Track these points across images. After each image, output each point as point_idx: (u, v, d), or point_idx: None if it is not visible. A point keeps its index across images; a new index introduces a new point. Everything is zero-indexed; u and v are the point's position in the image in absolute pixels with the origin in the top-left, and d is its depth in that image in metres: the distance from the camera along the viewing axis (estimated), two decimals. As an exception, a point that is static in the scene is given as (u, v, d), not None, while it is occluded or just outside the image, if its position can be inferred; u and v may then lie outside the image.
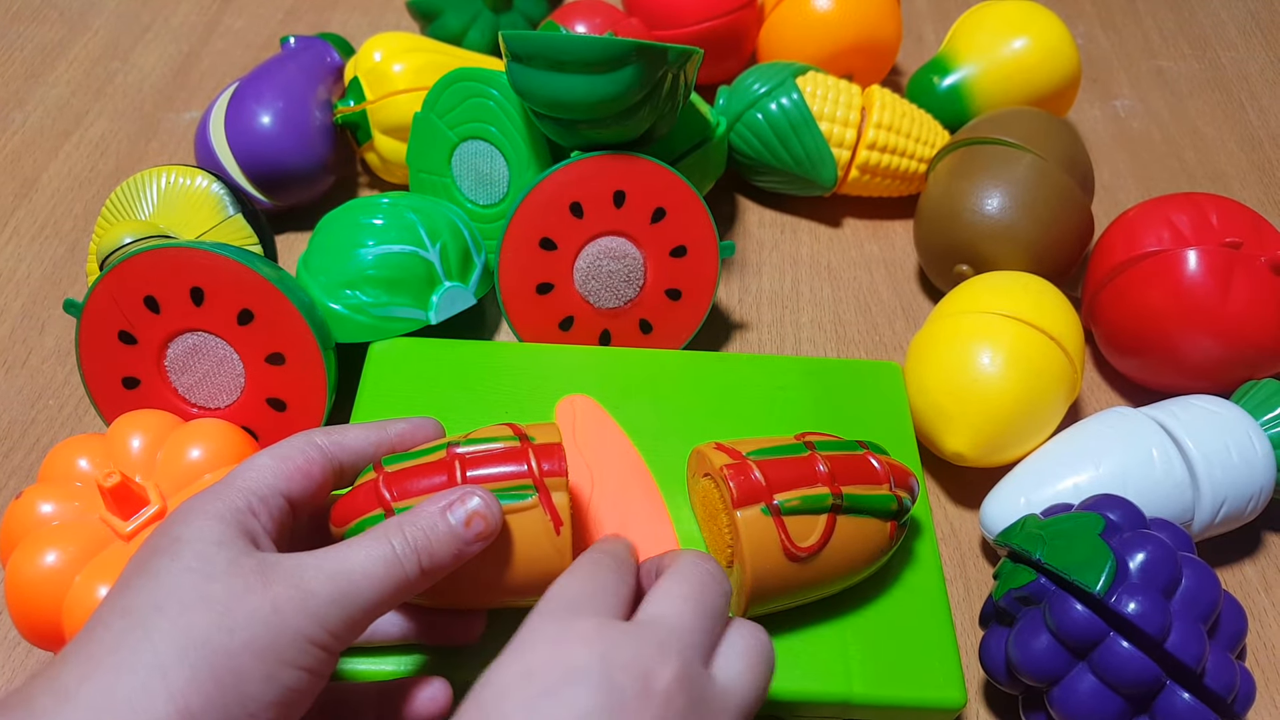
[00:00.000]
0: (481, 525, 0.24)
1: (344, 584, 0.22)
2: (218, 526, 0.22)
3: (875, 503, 0.29)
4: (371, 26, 0.62)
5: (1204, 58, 0.64)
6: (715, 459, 0.29)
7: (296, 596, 0.21)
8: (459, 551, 0.24)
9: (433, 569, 0.23)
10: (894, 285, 0.49)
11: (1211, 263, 0.39)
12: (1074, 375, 0.38)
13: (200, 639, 0.20)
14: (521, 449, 0.27)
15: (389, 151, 0.48)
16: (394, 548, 0.23)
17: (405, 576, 0.23)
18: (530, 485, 0.26)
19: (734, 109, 0.48)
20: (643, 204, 0.39)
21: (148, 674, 0.19)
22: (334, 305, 0.38)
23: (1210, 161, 0.56)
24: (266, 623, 0.20)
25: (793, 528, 0.28)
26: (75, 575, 0.29)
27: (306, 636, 0.21)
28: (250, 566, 0.21)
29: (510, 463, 0.26)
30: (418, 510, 0.24)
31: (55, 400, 0.42)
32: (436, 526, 0.24)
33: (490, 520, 0.24)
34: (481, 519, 0.24)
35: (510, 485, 0.26)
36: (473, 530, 0.24)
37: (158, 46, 0.60)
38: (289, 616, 0.21)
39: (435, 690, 0.26)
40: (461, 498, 0.24)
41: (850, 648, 0.30)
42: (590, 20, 0.50)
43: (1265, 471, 0.35)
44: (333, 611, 0.21)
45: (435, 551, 0.24)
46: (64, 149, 0.53)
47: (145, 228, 0.40)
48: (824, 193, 0.49)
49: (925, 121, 0.49)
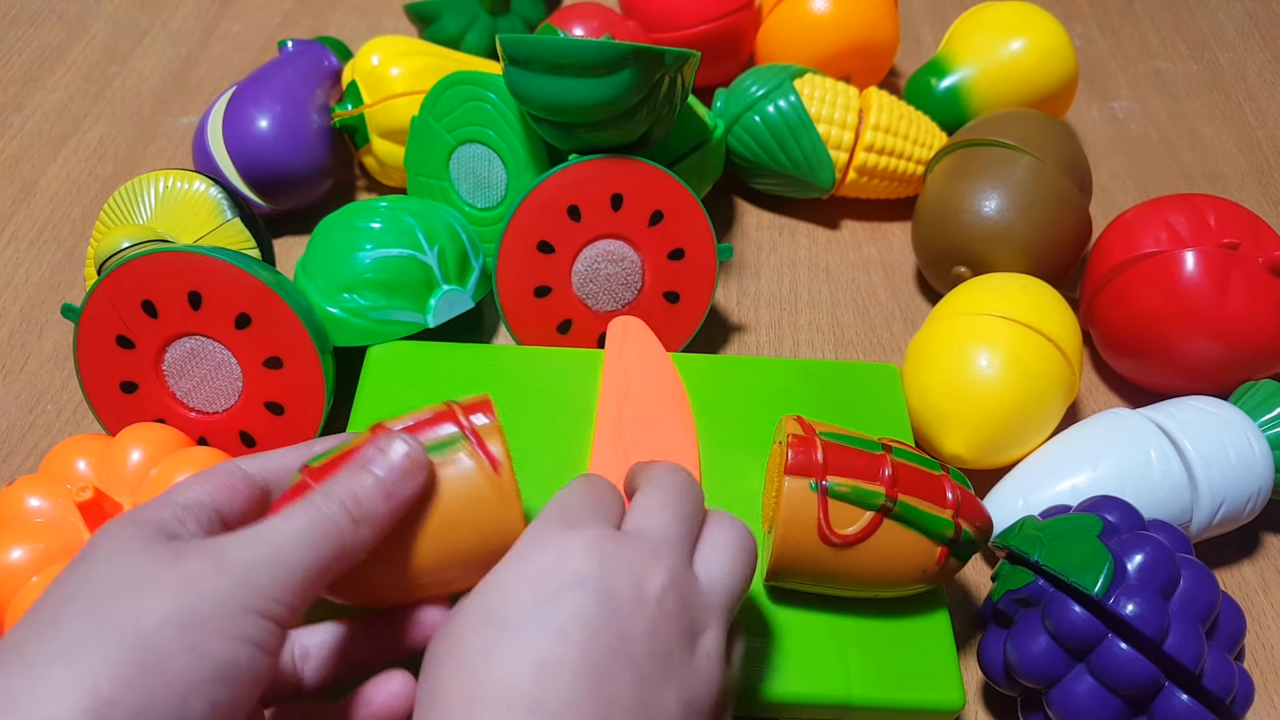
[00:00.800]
0: (404, 461, 0.24)
1: (268, 548, 0.21)
2: (136, 530, 0.21)
3: (928, 521, 0.29)
4: (369, 30, 0.62)
5: (1202, 59, 0.64)
6: (790, 427, 0.30)
7: (214, 565, 0.20)
8: (387, 493, 0.23)
9: (365, 516, 0.23)
10: (892, 287, 0.49)
11: (1209, 264, 0.39)
12: (1072, 377, 0.38)
13: (111, 622, 0.19)
14: (446, 409, 0.26)
15: (387, 155, 0.48)
16: (318, 505, 0.22)
17: (336, 528, 0.22)
18: (458, 433, 0.25)
19: (732, 111, 0.48)
20: (640, 207, 0.40)
21: (51, 664, 0.18)
22: (332, 309, 0.38)
23: (1208, 162, 0.56)
24: (182, 595, 0.19)
25: (835, 512, 0.28)
26: (33, 575, 0.29)
27: (237, 604, 0.20)
28: (165, 549, 0.20)
29: (435, 422, 0.26)
30: (339, 472, 0.24)
31: (54, 405, 0.42)
32: (360, 477, 0.23)
33: (414, 454, 0.24)
34: (405, 456, 0.24)
35: (438, 441, 0.25)
36: (396, 467, 0.24)
37: (156, 51, 0.60)
38: (209, 585, 0.20)
39: (396, 685, 0.25)
40: (379, 445, 0.24)
41: (848, 649, 0.30)
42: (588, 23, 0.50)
43: (1263, 472, 0.35)
44: (261, 575, 0.20)
45: (362, 498, 0.23)
46: (62, 153, 0.53)
47: (143, 232, 0.40)
48: (822, 195, 0.49)
49: (923, 123, 0.49)
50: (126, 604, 0.19)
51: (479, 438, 0.25)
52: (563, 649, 0.20)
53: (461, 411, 0.26)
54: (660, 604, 0.22)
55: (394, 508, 0.23)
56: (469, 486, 0.25)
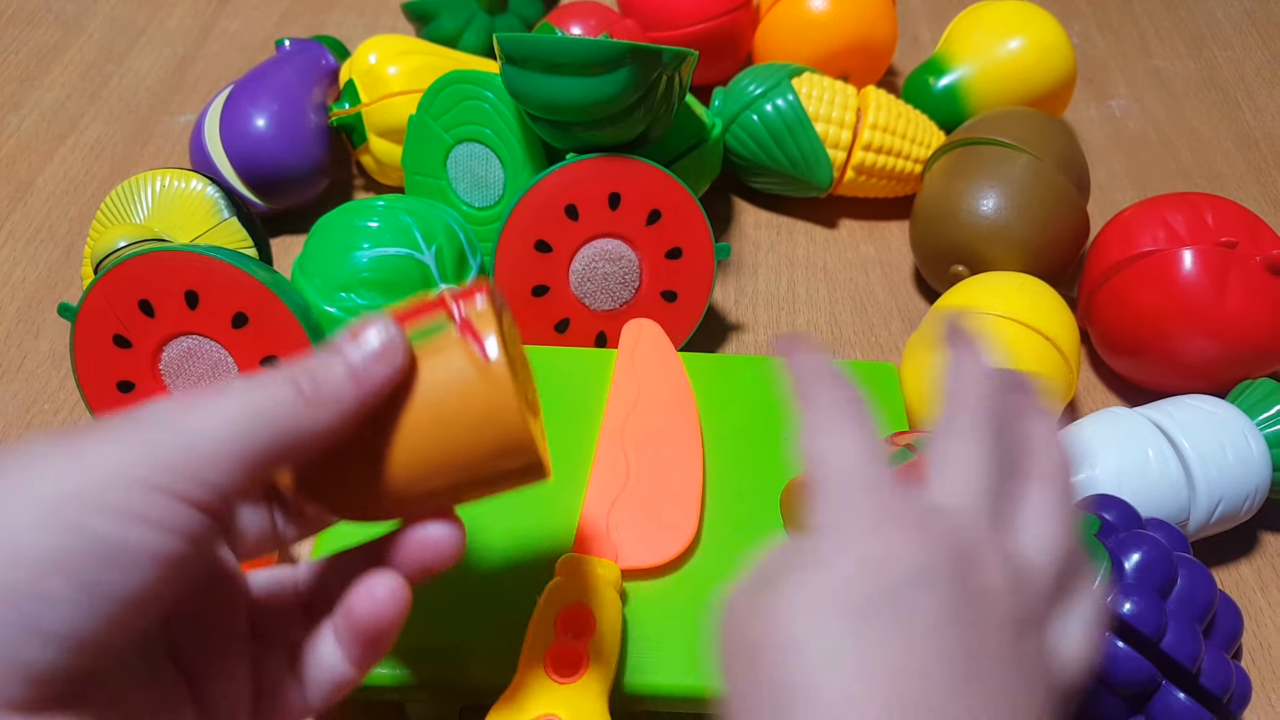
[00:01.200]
0: (376, 341, 0.21)
1: (192, 420, 0.18)
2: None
3: None
4: (367, 29, 0.62)
5: (1200, 57, 0.64)
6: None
7: (115, 436, 0.18)
8: (353, 374, 0.20)
9: (322, 398, 0.20)
10: (890, 286, 0.49)
11: (1207, 263, 0.39)
12: (1069, 375, 0.38)
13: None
14: (438, 297, 0.23)
15: (384, 154, 0.47)
16: (263, 381, 0.19)
17: (280, 407, 0.19)
18: (443, 317, 0.22)
19: (729, 110, 0.48)
20: (638, 206, 0.39)
21: None
22: (329, 308, 0.38)
23: (1206, 161, 0.56)
24: (62, 465, 0.17)
25: None
26: None
27: (132, 479, 0.17)
28: (60, 433, 0.18)
29: (424, 309, 0.23)
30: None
31: (50, 405, 0.42)
32: (322, 356, 0.20)
33: (388, 334, 0.21)
34: (377, 336, 0.21)
35: (422, 328, 0.22)
36: (366, 347, 0.20)
37: (153, 50, 0.60)
38: (100, 455, 0.17)
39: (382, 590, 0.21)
40: (353, 327, 0.21)
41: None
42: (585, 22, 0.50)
43: (1261, 471, 0.35)
44: (173, 450, 0.18)
45: (321, 377, 0.20)
46: (59, 153, 0.53)
47: (140, 231, 0.40)
48: (820, 194, 0.49)
49: (921, 122, 0.49)
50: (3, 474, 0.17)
51: (469, 323, 0.22)
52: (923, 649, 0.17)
53: (454, 297, 0.23)
54: (1002, 597, 0.18)
55: (362, 392, 0.20)
56: (455, 376, 0.21)
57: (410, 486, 0.22)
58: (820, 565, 0.18)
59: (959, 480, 0.20)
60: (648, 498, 0.33)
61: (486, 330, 0.22)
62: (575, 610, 0.28)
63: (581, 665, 0.27)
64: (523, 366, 0.24)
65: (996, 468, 0.20)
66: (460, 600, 0.30)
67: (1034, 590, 0.19)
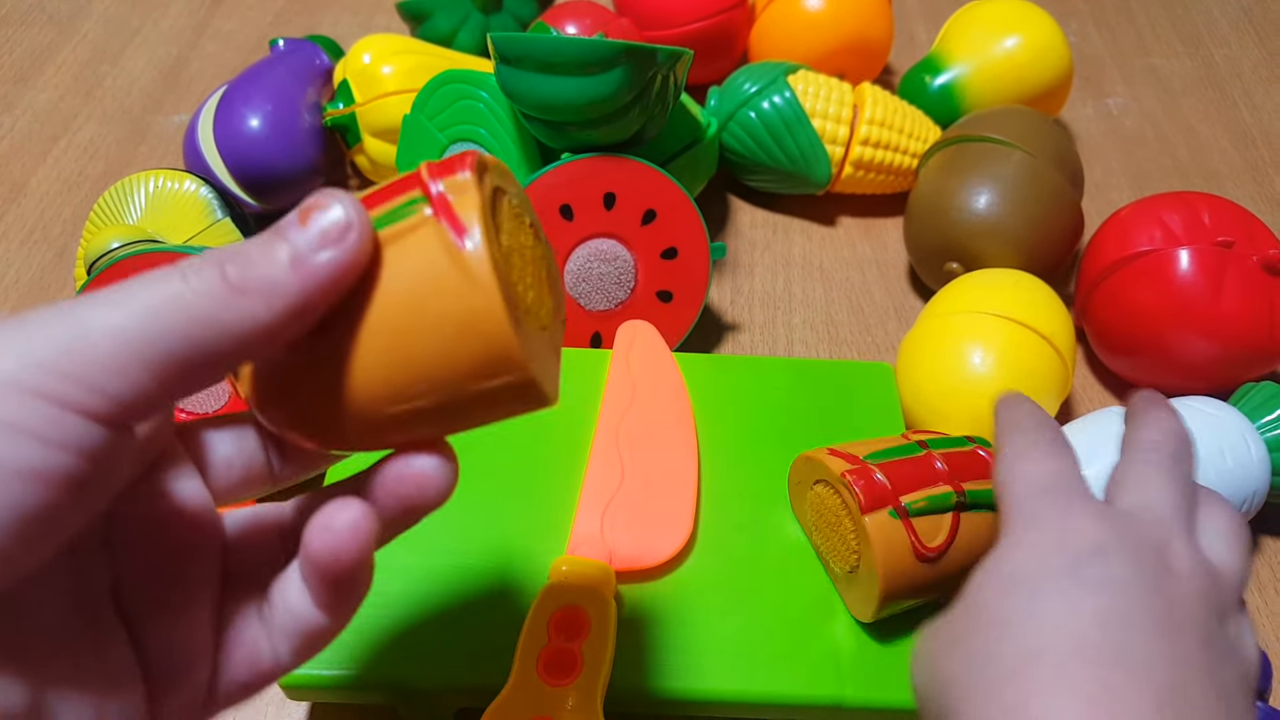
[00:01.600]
0: (326, 221, 0.16)
1: (79, 312, 0.15)
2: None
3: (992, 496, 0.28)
4: (361, 28, 0.62)
5: (1197, 55, 0.64)
6: (833, 465, 0.29)
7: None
8: (297, 258, 0.16)
9: (254, 285, 0.16)
10: (886, 285, 0.48)
11: (1204, 262, 0.38)
12: (1065, 373, 0.38)
13: None
14: (412, 172, 0.18)
15: (378, 154, 0.47)
16: (179, 268, 0.16)
17: (198, 297, 0.15)
18: (417, 196, 0.17)
19: (725, 109, 0.48)
20: (633, 206, 0.39)
21: None
22: (322, 309, 0.38)
23: (1203, 160, 0.56)
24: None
25: (921, 528, 0.28)
26: None
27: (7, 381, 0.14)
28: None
29: (396, 187, 0.18)
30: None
31: (43, 406, 0.41)
32: (261, 238, 0.17)
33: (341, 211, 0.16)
34: (326, 213, 0.17)
35: (389, 207, 0.18)
36: (316, 228, 0.16)
37: (147, 50, 0.60)
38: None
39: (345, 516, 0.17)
40: (303, 204, 0.17)
41: (842, 649, 0.30)
42: (580, 21, 0.50)
43: (1260, 475, 0.35)
44: (60, 350, 0.15)
45: (256, 260, 0.16)
46: (52, 153, 0.53)
47: (133, 232, 0.39)
48: (818, 190, 0.49)
49: (917, 118, 0.49)
50: None
51: (445, 200, 0.17)
52: (1123, 602, 0.19)
53: (430, 170, 0.18)
54: (1191, 578, 0.20)
55: (305, 283, 0.16)
56: (423, 266, 0.17)
57: (381, 407, 0.18)
58: (1018, 546, 0.21)
59: (1146, 494, 0.22)
60: (642, 499, 0.32)
61: (466, 208, 0.17)
62: (569, 612, 0.28)
63: (575, 668, 0.27)
64: (530, 259, 0.19)
65: (1180, 490, 0.22)
66: (454, 602, 0.30)
67: (1222, 584, 0.21)
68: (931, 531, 0.28)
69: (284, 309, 0.16)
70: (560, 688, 0.27)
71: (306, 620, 0.19)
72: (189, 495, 0.19)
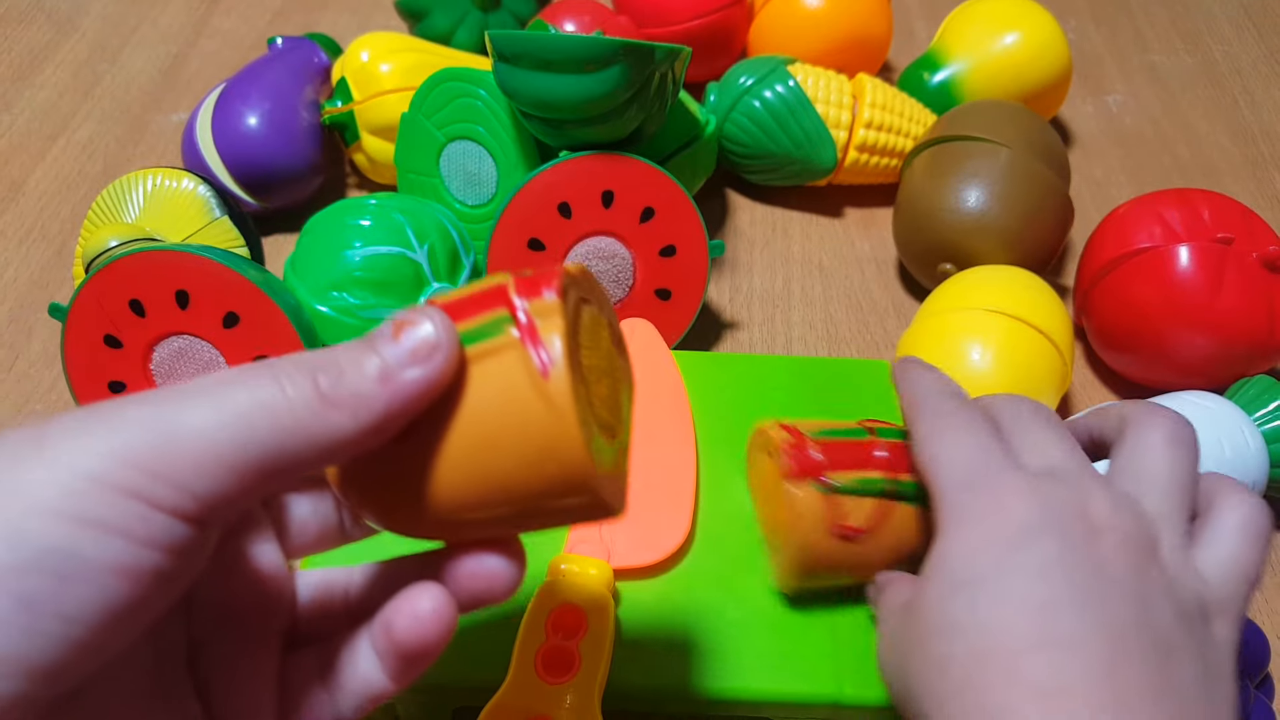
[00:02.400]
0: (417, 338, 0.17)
1: (171, 412, 0.15)
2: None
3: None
4: (360, 26, 0.62)
5: (1196, 52, 0.64)
6: (775, 435, 0.30)
7: (78, 428, 0.15)
8: (386, 374, 0.17)
9: (345, 399, 0.16)
10: (885, 283, 0.48)
11: (1203, 259, 0.38)
12: (1064, 368, 0.38)
13: None
14: (500, 286, 0.19)
15: (377, 152, 0.47)
16: (275, 371, 0.16)
17: (290, 405, 0.16)
18: (504, 316, 0.18)
19: (725, 103, 0.48)
20: (631, 204, 0.39)
21: None
22: (321, 307, 0.38)
23: (1203, 157, 0.56)
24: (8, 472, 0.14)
25: (844, 507, 0.28)
26: None
27: (88, 479, 0.14)
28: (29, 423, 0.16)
29: (484, 300, 0.18)
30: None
31: (42, 405, 0.41)
32: (353, 349, 0.17)
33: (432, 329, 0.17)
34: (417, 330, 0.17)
35: (476, 324, 0.18)
36: (407, 345, 0.17)
37: (145, 48, 0.60)
38: (55, 454, 0.14)
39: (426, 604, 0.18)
40: (396, 317, 0.17)
41: (841, 648, 0.30)
42: (579, 19, 0.50)
43: (1258, 467, 0.35)
44: (145, 448, 0.15)
45: (348, 373, 0.17)
46: (51, 152, 0.53)
47: (131, 231, 0.39)
48: (823, 177, 0.49)
49: (916, 105, 0.50)
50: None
51: (531, 326, 0.18)
52: (1047, 587, 0.20)
53: (518, 287, 0.18)
54: (1114, 530, 0.21)
55: (393, 398, 0.17)
56: (506, 391, 0.18)
57: (456, 512, 0.19)
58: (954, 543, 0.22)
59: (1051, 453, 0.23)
60: (641, 497, 0.32)
61: (550, 335, 0.18)
62: (567, 610, 0.28)
63: (573, 666, 0.27)
64: (608, 370, 0.20)
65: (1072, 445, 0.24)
66: (452, 601, 0.30)
67: (1145, 518, 0.22)
68: (855, 512, 0.28)
69: (369, 422, 0.17)
70: (558, 686, 0.27)
71: (375, 686, 0.19)
72: (266, 559, 0.19)
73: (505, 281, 0.19)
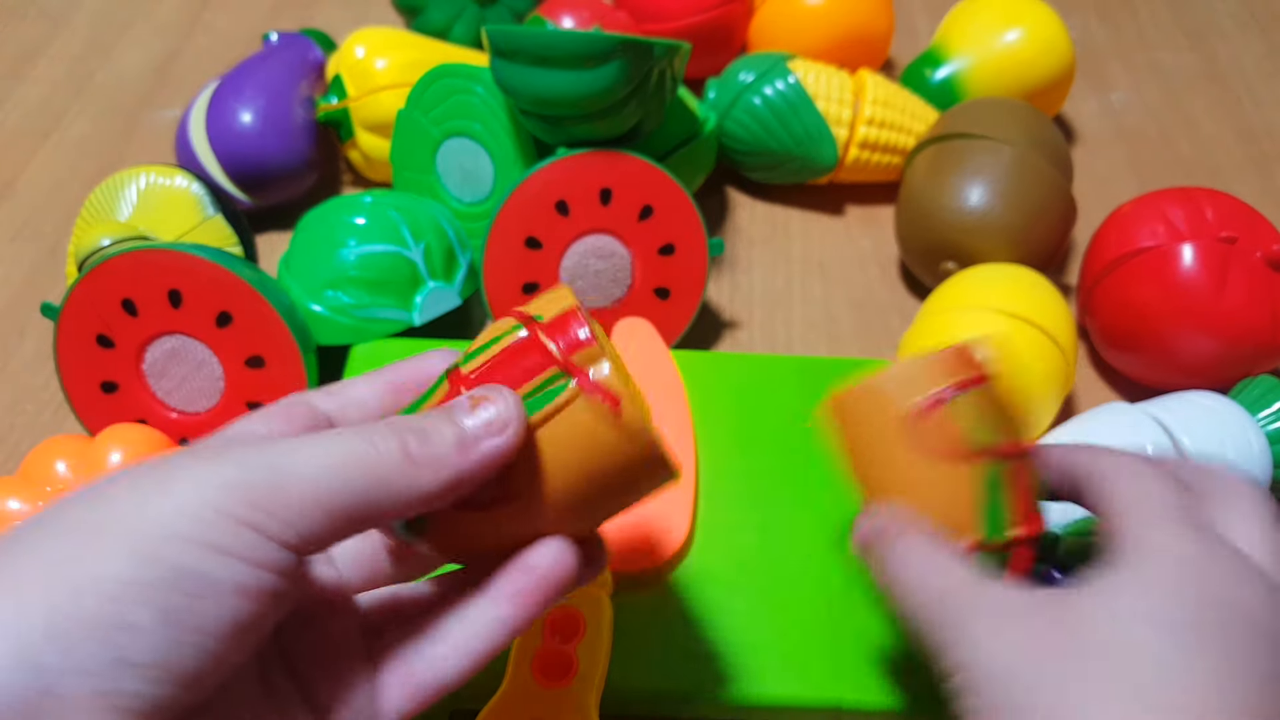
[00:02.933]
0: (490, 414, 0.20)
1: (283, 460, 0.18)
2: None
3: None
4: (356, 22, 0.61)
5: (1200, 50, 0.63)
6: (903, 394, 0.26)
7: (204, 467, 0.17)
8: (463, 444, 0.19)
9: (429, 460, 0.19)
10: (887, 282, 0.48)
11: (1206, 258, 0.38)
12: (1067, 367, 0.38)
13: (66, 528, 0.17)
14: (530, 339, 0.21)
15: (372, 149, 0.47)
16: (370, 432, 0.19)
17: (381, 462, 0.19)
18: (557, 374, 0.20)
19: (724, 100, 0.48)
20: (630, 202, 0.39)
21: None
22: (315, 306, 0.38)
23: (1207, 155, 0.56)
24: (145, 495, 0.17)
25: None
26: None
27: (215, 509, 0.17)
28: (150, 463, 0.18)
29: (522, 361, 0.21)
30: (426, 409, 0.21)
31: (34, 405, 0.41)
32: (438, 417, 0.20)
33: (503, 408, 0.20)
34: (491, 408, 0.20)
35: (535, 387, 0.20)
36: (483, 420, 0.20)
37: (139, 44, 0.59)
38: (185, 486, 0.17)
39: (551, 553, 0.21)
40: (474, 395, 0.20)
41: (841, 651, 0.30)
42: (577, 14, 0.49)
43: (1261, 467, 0.35)
44: (261, 487, 0.17)
45: (434, 439, 0.19)
46: (44, 149, 0.52)
47: (123, 229, 0.39)
48: (824, 175, 0.49)
49: (918, 102, 0.49)
50: (86, 509, 0.17)
51: (588, 380, 0.20)
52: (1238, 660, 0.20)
53: (547, 337, 0.21)
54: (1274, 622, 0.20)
55: (467, 464, 0.19)
56: (589, 438, 0.20)
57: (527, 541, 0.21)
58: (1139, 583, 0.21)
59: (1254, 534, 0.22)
60: None
61: (608, 376, 0.20)
62: (564, 614, 0.28)
63: (571, 670, 0.27)
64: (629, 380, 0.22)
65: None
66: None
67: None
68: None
69: (447, 481, 0.19)
70: (555, 690, 0.27)
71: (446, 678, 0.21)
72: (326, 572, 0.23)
73: (531, 334, 0.21)
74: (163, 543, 0.16)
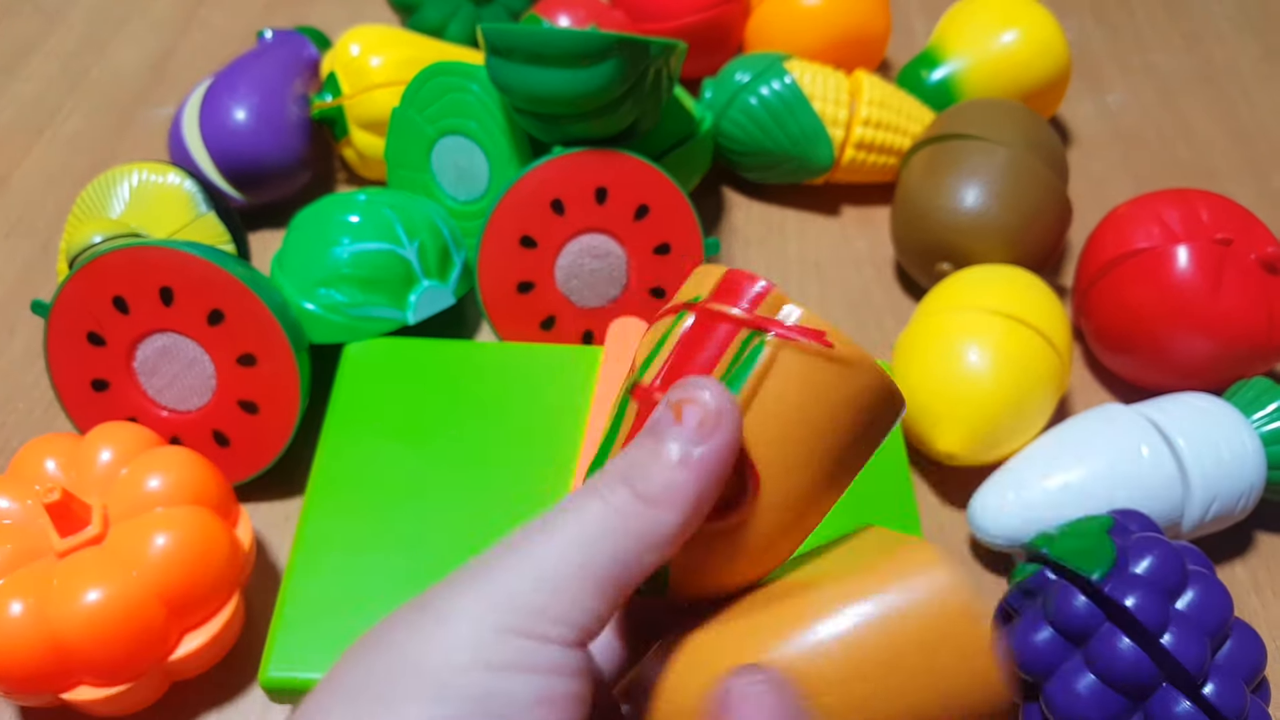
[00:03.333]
0: (700, 412, 0.18)
1: (528, 560, 0.17)
2: None
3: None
4: (351, 19, 0.61)
5: (1196, 52, 0.63)
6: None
7: (461, 594, 0.17)
8: (685, 459, 0.17)
9: (659, 495, 0.17)
10: (882, 283, 0.48)
11: (1202, 260, 0.38)
12: (1062, 368, 0.38)
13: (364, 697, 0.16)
14: (702, 318, 0.19)
15: (367, 147, 0.47)
16: (590, 490, 0.18)
17: (620, 518, 0.17)
18: (749, 336, 0.18)
19: (720, 99, 0.47)
20: (625, 201, 0.39)
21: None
22: (308, 305, 0.37)
23: (1202, 157, 0.56)
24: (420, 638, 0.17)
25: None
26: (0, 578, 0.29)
27: (488, 630, 0.16)
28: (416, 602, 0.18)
29: (704, 343, 0.19)
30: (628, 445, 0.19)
31: (24, 403, 0.41)
32: (645, 444, 0.18)
33: (711, 397, 0.18)
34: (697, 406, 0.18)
35: (729, 363, 0.18)
36: (692, 423, 0.18)
37: (134, 40, 0.59)
38: (450, 617, 0.17)
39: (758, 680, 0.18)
40: (669, 399, 0.18)
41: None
42: (573, 13, 0.49)
43: (1256, 469, 0.35)
44: (520, 591, 0.17)
45: (653, 472, 0.17)
46: (37, 146, 0.52)
47: (115, 226, 0.39)
48: (820, 175, 0.49)
49: (914, 102, 0.49)
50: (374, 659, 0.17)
51: (775, 323, 0.18)
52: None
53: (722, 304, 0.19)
54: None
55: (701, 474, 0.17)
56: (812, 389, 0.18)
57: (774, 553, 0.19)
58: None
59: None
60: None
61: (813, 319, 0.18)
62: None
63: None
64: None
65: None
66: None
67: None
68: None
69: (689, 505, 0.17)
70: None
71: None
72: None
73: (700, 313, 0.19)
74: (451, 677, 0.16)
